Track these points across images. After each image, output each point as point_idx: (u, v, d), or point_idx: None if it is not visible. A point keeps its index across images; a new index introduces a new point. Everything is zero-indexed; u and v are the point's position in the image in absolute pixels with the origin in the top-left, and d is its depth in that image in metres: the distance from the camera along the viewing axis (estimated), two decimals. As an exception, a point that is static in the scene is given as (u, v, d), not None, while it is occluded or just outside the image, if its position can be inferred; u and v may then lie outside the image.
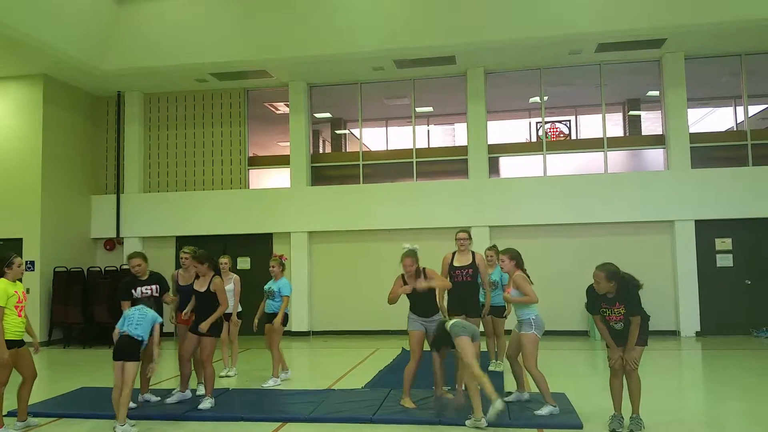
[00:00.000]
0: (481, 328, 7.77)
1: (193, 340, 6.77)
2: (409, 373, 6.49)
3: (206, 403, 6.54)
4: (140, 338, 6.06)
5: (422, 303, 6.52)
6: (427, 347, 6.54)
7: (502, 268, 6.47)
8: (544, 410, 6.03)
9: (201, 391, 7.14)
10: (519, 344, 6.33)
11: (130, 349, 6.00)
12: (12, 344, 5.77)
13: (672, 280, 12.37)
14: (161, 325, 6.39)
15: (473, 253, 7.47)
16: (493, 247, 8.55)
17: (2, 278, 5.83)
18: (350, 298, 13.37)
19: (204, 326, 6.58)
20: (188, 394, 6.98)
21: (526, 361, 6.18)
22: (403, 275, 6.55)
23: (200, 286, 6.79)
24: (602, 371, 9.19)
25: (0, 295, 5.72)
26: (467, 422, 5.77)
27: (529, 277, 6.43)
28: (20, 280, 6.03)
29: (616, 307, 5.46)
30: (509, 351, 6.66)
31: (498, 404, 5.58)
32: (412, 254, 6.48)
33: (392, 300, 6.55)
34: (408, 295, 6.51)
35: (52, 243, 12.81)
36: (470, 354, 5.95)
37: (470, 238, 7.65)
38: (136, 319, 6.13)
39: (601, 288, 5.48)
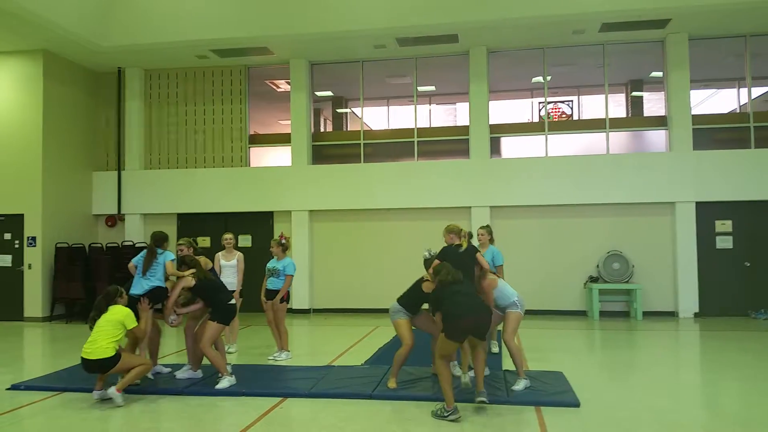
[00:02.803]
0: None
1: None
2: (401, 358, 6.41)
3: (224, 382, 6.49)
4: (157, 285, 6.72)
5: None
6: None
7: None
8: (520, 385, 6.15)
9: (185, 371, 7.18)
10: (498, 321, 6.55)
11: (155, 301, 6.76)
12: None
13: (671, 261, 12.40)
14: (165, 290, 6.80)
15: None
16: (486, 227, 8.47)
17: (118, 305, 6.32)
18: (350, 277, 13.43)
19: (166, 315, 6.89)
20: (199, 374, 6.99)
21: (507, 335, 6.30)
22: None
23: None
24: (600, 350, 9.27)
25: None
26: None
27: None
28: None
29: None
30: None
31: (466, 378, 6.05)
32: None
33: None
34: None
35: (54, 219, 12.84)
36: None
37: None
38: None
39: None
